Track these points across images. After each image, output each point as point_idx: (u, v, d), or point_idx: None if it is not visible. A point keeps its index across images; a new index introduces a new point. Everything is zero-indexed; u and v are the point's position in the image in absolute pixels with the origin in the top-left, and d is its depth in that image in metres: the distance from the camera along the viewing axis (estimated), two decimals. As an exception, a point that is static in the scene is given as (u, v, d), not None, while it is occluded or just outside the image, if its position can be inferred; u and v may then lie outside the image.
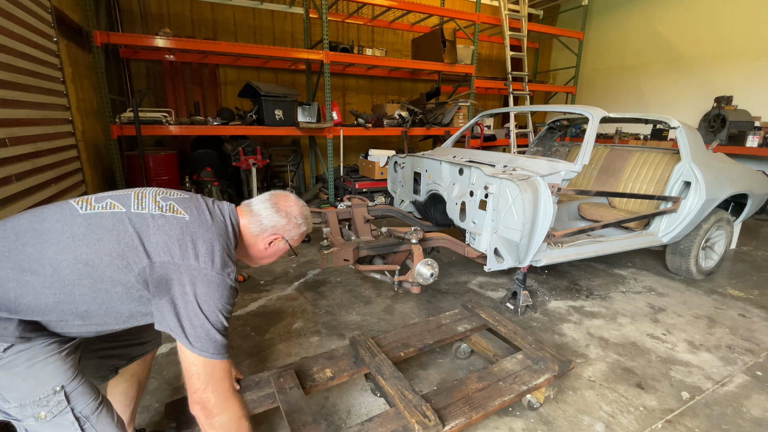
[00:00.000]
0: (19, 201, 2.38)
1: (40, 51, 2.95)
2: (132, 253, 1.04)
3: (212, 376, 1.05)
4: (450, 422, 1.54)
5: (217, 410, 1.07)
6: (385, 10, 6.61)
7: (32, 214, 1.06)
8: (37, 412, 0.99)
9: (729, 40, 6.64)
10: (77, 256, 1.00)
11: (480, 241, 2.72)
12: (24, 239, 1.00)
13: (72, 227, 1.03)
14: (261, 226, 1.27)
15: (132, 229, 1.06)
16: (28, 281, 0.97)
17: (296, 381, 1.72)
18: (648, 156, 3.77)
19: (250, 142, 5.41)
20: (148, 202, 1.14)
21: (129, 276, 1.04)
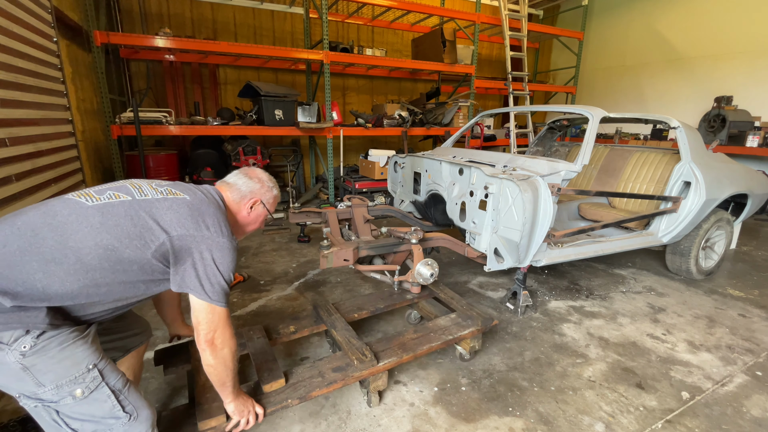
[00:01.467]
0: (19, 201, 2.38)
1: (40, 51, 2.95)
2: (148, 233, 1.18)
3: (221, 320, 1.29)
4: (383, 360, 1.92)
5: (221, 345, 1.31)
6: (385, 10, 6.61)
7: (39, 211, 1.14)
8: (74, 390, 1.09)
9: (729, 40, 6.64)
10: (98, 242, 1.12)
11: (480, 241, 2.72)
12: (42, 233, 1.09)
13: (87, 218, 1.14)
14: (240, 193, 1.47)
15: (144, 212, 1.20)
16: (53, 271, 1.07)
17: (263, 333, 2.07)
18: (648, 156, 3.77)
19: (250, 142, 5.41)
20: (147, 190, 1.28)
21: (146, 253, 1.17)
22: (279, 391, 1.73)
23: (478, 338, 2.28)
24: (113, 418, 1.16)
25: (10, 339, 1.03)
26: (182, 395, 2.04)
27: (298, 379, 1.79)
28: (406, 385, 2.13)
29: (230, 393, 1.44)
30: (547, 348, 2.50)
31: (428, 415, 1.92)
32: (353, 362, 1.88)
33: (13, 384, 1.07)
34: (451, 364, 2.30)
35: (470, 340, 2.25)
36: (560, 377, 2.21)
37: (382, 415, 1.91)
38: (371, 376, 1.90)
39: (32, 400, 1.08)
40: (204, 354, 1.31)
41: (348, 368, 1.87)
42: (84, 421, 1.14)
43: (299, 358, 2.31)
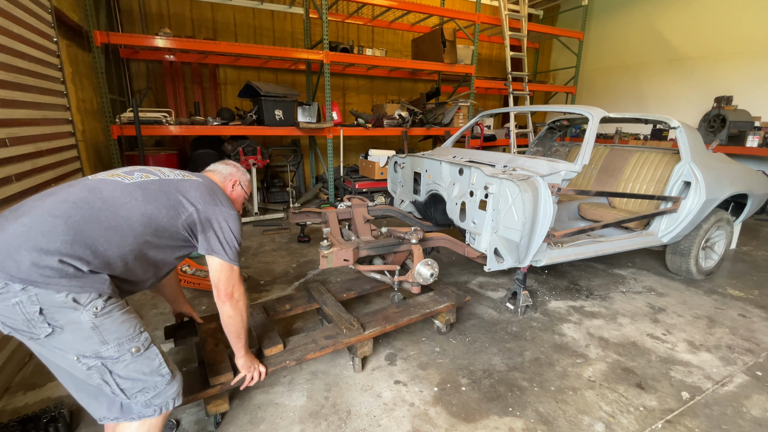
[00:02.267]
0: (19, 201, 2.37)
1: (40, 51, 2.95)
2: (179, 205, 1.43)
3: (237, 277, 1.56)
4: (369, 329, 2.21)
5: (238, 297, 1.57)
6: (385, 10, 6.61)
7: (83, 188, 1.33)
8: (132, 348, 1.26)
9: (729, 40, 6.64)
10: (143, 212, 1.35)
11: (480, 241, 2.72)
12: (97, 206, 1.28)
13: (131, 193, 1.36)
14: (223, 176, 1.76)
15: (173, 190, 1.46)
16: (111, 237, 1.27)
17: (263, 311, 2.37)
18: (648, 156, 3.77)
19: (250, 142, 5.41)
20: (168, 173, 1.55)
21: (177, 222, 1.42)
22: (278, 355, 1.97)
23: (453, 312, 2.61)
24: (159, 375, 1.32)
25: (87, 300, 1.18)
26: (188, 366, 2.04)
27: (295, 345, 2.05)
28: (406, 385, 2.13)
29: (242, 347, 1.71)
30: (547, 348, 2.50)
31: (428, 415, 1.92)
32: (342, 331, 2.16)
33: (79, 344, 1.19)
34: (451, 364, 2.30)
35: (446, 314, 2.57)
36: (560, 377, 2.21)
37: (382, 415, 1.91)
38: (358, 342, 2.16)
39: (92, 359, 1.21)
40: (224, 307, 1.56)
41: (338, 336, 2.13)
42: (134, 380, 1.28)
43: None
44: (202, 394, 1.69)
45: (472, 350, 2.46)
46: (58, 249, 1.16)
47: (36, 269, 1.12)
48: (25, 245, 1.13)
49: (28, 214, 1.20)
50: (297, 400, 2.01)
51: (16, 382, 2.10)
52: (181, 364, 2.26)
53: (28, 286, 1.12)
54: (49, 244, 1.15)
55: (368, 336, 2.17)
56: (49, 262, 1.14)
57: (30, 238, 1.15)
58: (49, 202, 1.24)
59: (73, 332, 1.18)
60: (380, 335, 2.41)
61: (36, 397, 2.00)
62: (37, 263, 1.13)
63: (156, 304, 2.97)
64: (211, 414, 1.77)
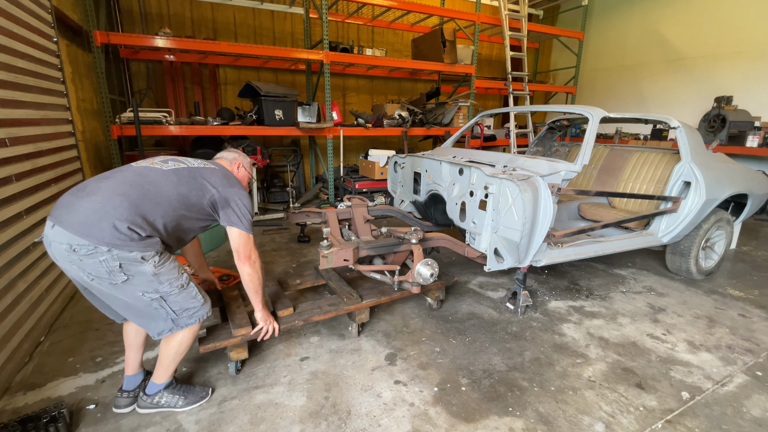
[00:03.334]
0: (19, 201, 2.38)
1: (40, 51, 2.95)
2: (204, 187, 1.83)
3: (251, 243, 1.97)
4: (366, 299, 2.57)
5: (255, 259, 1.99)
6: (385, 10, 6.61)
7: (134, 174, 1.72)
8: (178, 284, 1.72)
9: (729, 40, 6.64)
10: (179, 192, 1.76)
11: (480, 241, 2.72)
12: (146, 188, 1.68)
13: (169, 177, 1.76)
14: (229, 160, 2.13)
15: (198, 175, 1.85)
16: (157, 210, 1.68)
17: (277, 283, 2.76)
18: (648, 156, 3.77)
19: (250, 142, 5.41)
20: (193, 162, 1.93)
21: (202, 201, 1.83)
22: (289, 317, 2.35)
23: (442, 291, 2.95)
24: (197, 301, 1.80)
25: (149, 257, 1.62)
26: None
27: (303, 310, 2.44)
28: (406, 385, 2.13)
29: (260, 302, 2.12)
30: (547, 348, 2.50)
31: (428, 415, 1.92)
32: (343, 300, 2.52)
33: (144, 285, 1.63)
34: (451, 364, 2.30)
35: (435, 291, 2.90)
36: (560, 377, 2.21)
37: (382, 415, 1.91)
38: (357, 310, 2.53)
39: (153, 294, 1.66)
40: (244, 267, 1.97)
41: (339, 304, 2.49)
42: (180, 304, 1.75)
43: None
44: (228, 341, 2.09)
45: (472, 350, 2.46)
46: (126, 219, 1.57)
47: (116, 235, 1.54)
48: (105, 218, 1.54)
49: (98, 194, 1.59)
50: (297, 400, 2.01)
51: (16, 382, 2.10)
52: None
53: (112, 248, 1.53)
54: (120, 216, 1.56)
55: (365, 305, 2.53)
56: (122, 229, 1.55)
57: (106, 212, 1.55)
58: (111, 183, 1.64)
59: (141, 277, 1.62)
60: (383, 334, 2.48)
61: (36, 397, 2.00)
62: (116, 231, 1.54)
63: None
64: (233, 360, 2.15)
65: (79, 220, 1.52)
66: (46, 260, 2.66)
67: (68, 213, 1.54)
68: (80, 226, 1.51)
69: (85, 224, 1.51)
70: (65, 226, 1.52)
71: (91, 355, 2.35)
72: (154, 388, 1.91)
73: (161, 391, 1.91)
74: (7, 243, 2.22)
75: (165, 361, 1.87)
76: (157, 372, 1.90)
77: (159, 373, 1.89)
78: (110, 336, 2.55)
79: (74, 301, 3.00)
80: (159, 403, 1.90)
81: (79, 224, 1.51)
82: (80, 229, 1.51)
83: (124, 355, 2.30)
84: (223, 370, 2.24)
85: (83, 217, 1.52)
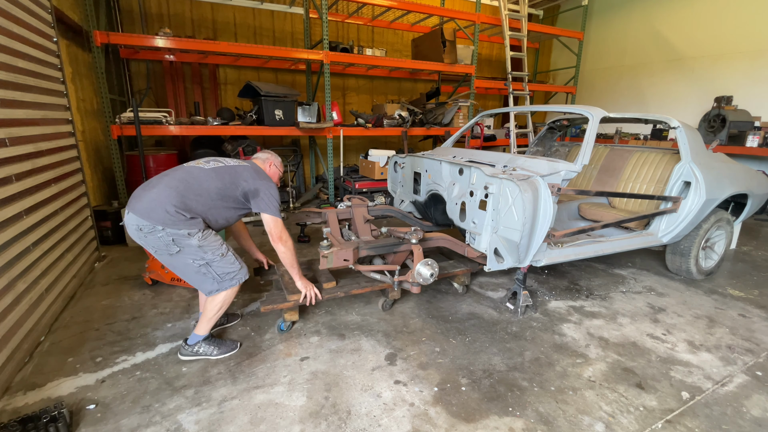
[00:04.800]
0: (19, 201, 2.38)
1: (40, 51, 2.95)
2: (237, 182, 2.24)
3: (281, 225, 2.33)
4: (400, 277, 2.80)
5: (286, 239, 2.35)
6: (385, 10, 6.61)
7: (182, 173, 2.17)
8: (220, 253, 2.17)
9: (729, 40, 6.64)
10: (217, 186, 2.18)
11: (480, 241, 2.72)
12: (191, 182, 2.14)
13: (209, 174, 2.20)
14: (262, 160, 2.51)
15: (233, 172, 2.27)
16: (199, 200, 2.13)
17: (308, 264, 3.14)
18: (648, 156, 3.77)
19: (250, 142, 5.41)
20: (229, 161, 2.34)
21: (236, 192, 2.24)
22: (332, 289, 2.73)
23: (468, 276, 3.24)
24: (236, 266, 2.24)
25: (194, 233, 2.07)
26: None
27: (344, 284, 2.82)
28: (406, 385, 2.13)
29: (297, 272, 2.49)
30: (547, 348, 2.50)
31: (428, 415, 1.92)
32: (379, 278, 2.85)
33: (192, 254, 2.11)
34: (451, 364, 2.30)
35: (462, 277, 3.20)
36: (560, 377, 2.21)
37: (382, 415, 1.91)
38: (390, 288, 2.84)
39: (200, 261, 2.12)
40: (278, 246, 2.35)
41: (375, 282, 2.85)
42: (223, 268, 2.19)
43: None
44: (282, 305, 2.52)
45: (472, 350, 2.46)
46: (174, 204, 2.03)
47: (167, 216, 2.01)
48: (159, 204, 2.02)
49: (156, 188, 2.07)
50: (297, 400, 2.01)
51: (16, 382, 2.10)
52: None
53: (166, 227, 2.02)
54: (170, 203, 2.03)
55: (397, 280, 2.78)
56: (171, 212, 2.02)
57: (161, 200, 2.03)
58: (166, 180, 2.11)
59: (189, 249, 2.09)
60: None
61: (36, 397, 2.00)
62: (167, 213, 2.01)
63: (156, 305, 2.97)
64: (287, 321, 2.59)
65: (143, 207, 2.02)
66: (46, 260, 2.66)
67: (136, 202, 2.05)
68: (143, 211, 2.02)
69: (146, 209, 2.02)
70: (134, 211, 2.03)
71: (91, 355, 2.35)
72: (195, 338, 2.29)
73: (200, 342, 2.29)
74: (7, 243, 2.22)
75: (209, 314, 2.26)
76: (200, 325, 2.29)
77: (202, 325, 2.29)
78: (110, 336, 2.55)
79: (74, 301, 3.00)
80: (198, 351, 2.29)
81: (142, 210, 2.02)
82: (143, 213, 2.01)
83: (124, 355, 2.36)
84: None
85: (145, 204, 2.03)
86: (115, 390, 2.05)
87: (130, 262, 3.78)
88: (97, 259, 3.78)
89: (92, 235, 3.71)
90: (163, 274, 3.16)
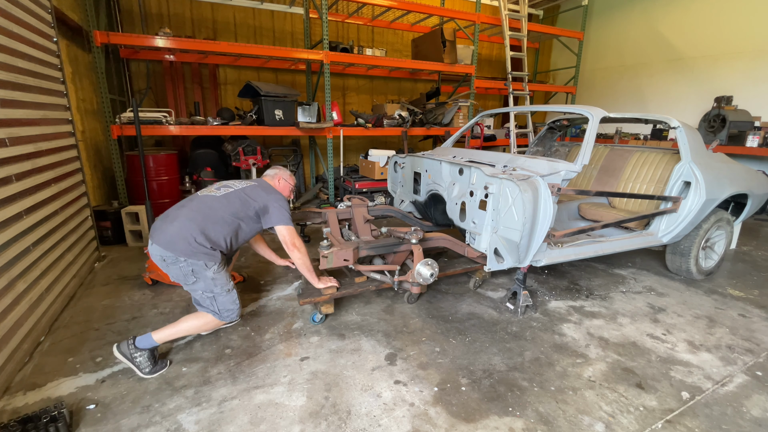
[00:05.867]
0: (19, 201, 2.38)
1: (40, 51, 2.95)
2: (248, 203, 2.38)
3: (294, 233, 2.47)
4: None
5: (299, 245, 2.48)
6: (385, 10, 6.61)
7: (199, 203, 2.31)
8: (226, 288, 2.28)
9: (729, 40, 6.63)
10: (231, 212, 2.32)
11: (480, 241, 2.72)
12: (207, 212, 2.26)
13: (221, 202, 2.33)
14: (270, 176, 2.70)
15: (243, 194, 2.40)
16: (216, 228, 2.25)
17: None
18: (648, 156, 3.77)
19: (250, 142, 5.41)
20: (239, 184, 2.49)
21: (250, 213, 2.38)
22: (363, 283, 2.88)
23: (481, 272, 3.35)
24: (235, 305, 2.33)
25: (210, 266, 2.20)
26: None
27: (374, 279, 2.92)
28: (406, 385, 2.13)
29: (313, 275, 2.64)
30: (547, 348, 2.50)
31: (428, 415, 1.92)
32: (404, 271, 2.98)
33: (204, 285, 2.22)
34: (451, 364, 2.30)
35: (482, 271, 3.32)
36: (560, 377, 2.21)
37: (382, 415, 1.91)
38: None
39: (209, 293, 2.24)
40: (293, 253, 2.48)
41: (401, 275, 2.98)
42: (224, 305, 2.28)
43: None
44: (318, 298, 2.66)
45: (472, 350, 2.46)
46: (195, 236, 2.16)
47: (189, 248, 2.14)
48: (182, 237, 2.14)
49: (177, 221, 2.19)
50: (297, 400, 2.01)
51: (16, 382, 2.10)
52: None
53: (188, 258, 2.15)
54: (191, 235, 2.15)
55: (397, 280, 2.89)
56: (192, 243, 2.15)
57: (183, 234, 2.15)
58: (185, 211, 2.24)
59: (203, 280, 2.21)
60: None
61: (36, 397, 2.00)
62: (188, 245, 2.14)
63: (156, 305, 2.97)
64: (322, 314, 2.72)
65: (166, 240, 2.14)
66: (46, 260, 2.66)
67: (160, 234, 2.17)
68: (167, 243, 2.14)
69: (169, 242, 2.14)
70: (158, 243, 2.15)
71: (91, 355, 2.35)
72: (148, 343, 2.16)
73: (146, 350, 2.16)
74: (7, 243, 2.22)
75: (182, 328, 2.24)
76: (163, 332, 2.20)
77: (164, 334, 2.20)
78: (110, 336, 2.55)
79: (74, 301, 3.00)
80: (134, 357, 2.14)
81: (166, 242, 2.14)
82: (167, 245, 2.14)
83: None
84: (223, 370, 2.25)
85: (168, 237, 2.15)
86: (115, 390, 2.05)
87: (130, 262, 3.78)
88: (97, 259, 3.78)
89: (92, 235, 3.71)
90: (163, 274, 3.16)
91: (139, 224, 4.24)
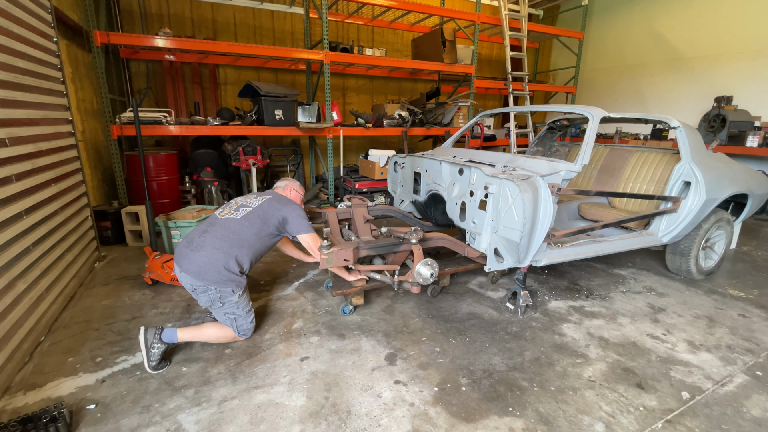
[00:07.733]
0: (19, 201, 2.38)
1: (40, 51, 2.95)
2: (267, 219, 2.48)
3: (316, 240, 2.58)
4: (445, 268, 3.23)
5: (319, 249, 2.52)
6: (385, 10, 6.61)
7: (221, 227, 2.39)
8: (246, 310, 2.43)
9: (729, 40, 6.63)
10: (253, 232, 2.41)
11: (480, 241, 2.72)
12: (231, 237, 2.35)
13: (242, 223, 2.42)
14: (281, 188, 2.83)
15: (261, 211, 2.50)
16: (243, 251, 2.36)
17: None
18: (648, 156, 3.77)
19: (250, 142, 5.40)
20: (256, 201, 2.57)
21: (271, 228, 2.48)
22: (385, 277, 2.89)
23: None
24: (252, 325, 2.49)
25: (236, 292, 2.34)
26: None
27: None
28: (406, 385, 2.13)
29: (343, 270, 2.85)
30: (547, 348, 2.50)
31: (428, 415, 1.92)
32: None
33: (229, 308, 2.35)
34: (451, 364, 2.30)
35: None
36: (560, 377, 2.21)
37: (382, 415, 1.91)
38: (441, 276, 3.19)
39: (231, 314, 2.37)
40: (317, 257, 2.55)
41: None
42: (242, 324, 2.43)
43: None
44: (349, 290, 2.80)
45: (472, 350, 2.46)
46: (224, 265, 2.28)
47: (218, 276, 2.26)
48: (212, 267, 2.26)
49: (204, 249, 2.28)
50: (297, 400, 2.01)
51: (16, 382, 2.10)
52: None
53: (218, 286, 2.27)
54: (221, 263, 2.27)
55: (447, 272, 3.16)
56: (222, 272, 2.27)
57: (212, 263, 2.26)
58: (210, 240, 2.32)
59: (228, 304, 2.35)
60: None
61: (36, 397, 2.00)
62: (218, 274, 2.26)
63: (156, 305, 2.97)
64: (352, 305, 2.87)
65: (196, 269, 2.25)
66: (46, 260, 2.66)
67: (188, 263, 2.27)
68: (197, 273, 2.25)
69: (200, 272, 2.24)
70: (188, 272, 2.26)
71: (91, 355, 2.35)
72: (170, 337, 2.24)
73: (165, 345, 2.21)
74: (7, 243, 2.22)
75: (204, 333, 2.36)
76: (187, 333, 2.30)
77: (187, 335, 2.31)
78: (110, 336, 2.55)
79: (74, 301, 3.00)
80: (152, 346, 2.18)
81: (196, 272, 2.25)
82: (197, 275, 2.25)
83: (124, 355, 2.37)
84: (223, 370, 2.25)
85: (198, 266, 2.25)
86: (115, 390, 2.05)
87: (130, 262, 3.78)
88: (97, 259, 3.78)
89: (92, 235, 3.71)
90: (163, 274, 3.16)
91: (139, 224, 4.24)
